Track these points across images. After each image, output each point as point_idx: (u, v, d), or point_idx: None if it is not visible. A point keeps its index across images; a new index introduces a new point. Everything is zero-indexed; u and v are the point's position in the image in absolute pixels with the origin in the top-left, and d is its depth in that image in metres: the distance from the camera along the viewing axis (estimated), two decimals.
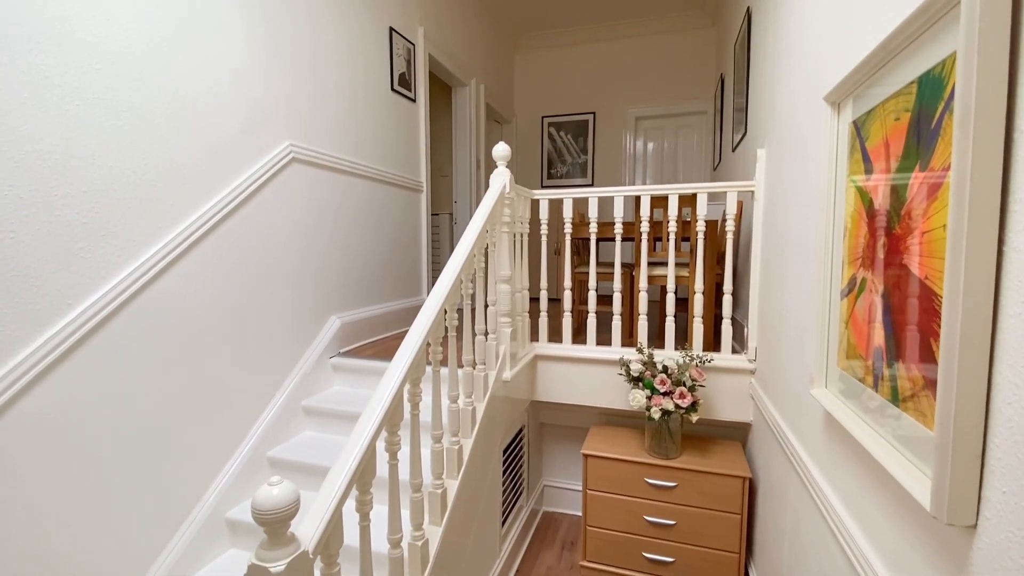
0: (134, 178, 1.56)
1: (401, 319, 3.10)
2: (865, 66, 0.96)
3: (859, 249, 1.04)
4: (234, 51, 1.92)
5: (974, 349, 0.61)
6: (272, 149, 2.12)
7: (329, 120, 2.47)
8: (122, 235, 1.53)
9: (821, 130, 1.31)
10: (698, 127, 4.95)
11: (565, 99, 5.28)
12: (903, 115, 0.86)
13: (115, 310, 1.50)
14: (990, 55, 0.60)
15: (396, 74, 3.03)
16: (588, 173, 5.32)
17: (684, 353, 2.17)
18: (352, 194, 2.65)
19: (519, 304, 2.30)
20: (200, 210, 1.79)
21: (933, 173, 0.75)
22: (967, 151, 0.61)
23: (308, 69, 2.32)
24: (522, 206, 2.38)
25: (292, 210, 2.23)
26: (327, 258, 2.47)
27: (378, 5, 2.85)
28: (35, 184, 1.32)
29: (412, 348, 1.38)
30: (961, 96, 0.62)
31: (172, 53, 1.68)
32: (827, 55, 1.29)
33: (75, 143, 1.40)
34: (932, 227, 0.75)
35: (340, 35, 2.53)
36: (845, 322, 1.10)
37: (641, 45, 4.95)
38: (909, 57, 0.83)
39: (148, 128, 1.60)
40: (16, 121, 1.27)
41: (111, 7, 1.49)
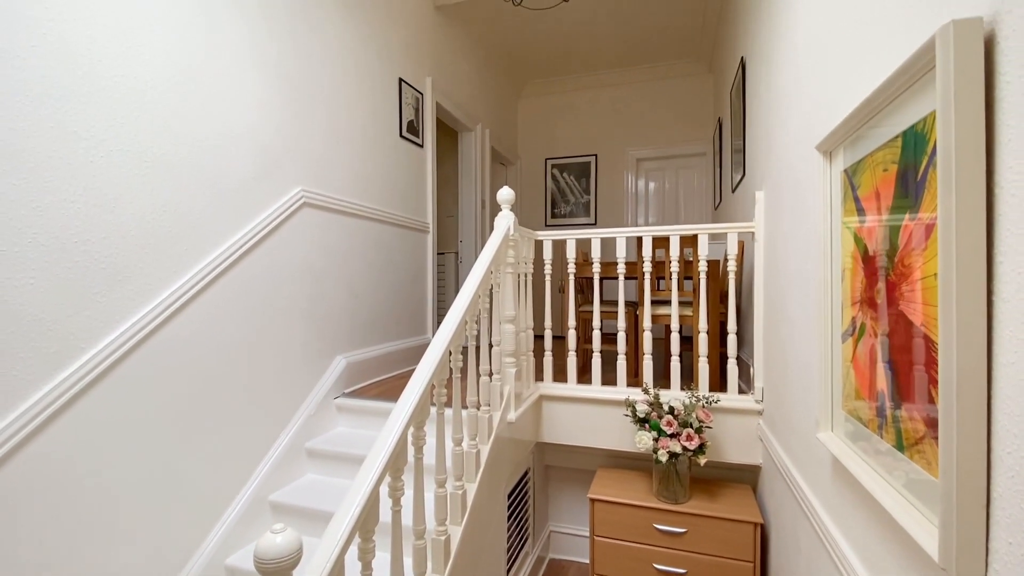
0: (152, 224, 1.62)
1: (406, 358, 3.11)
2: (852, 119, 1.00)
3: (857, 293, 1.05)
4: (250, 101, 2.02)
5: (971, 399, 0.62)
6: (284, 194, 2.19)
7: (340, 166, 2.56)
8: (137, 279, 1.58)
9: (815, 177, 1.36)
10: (698, 167, 5.06)
11: (567, 142, 5.44)
12: (891, 166, 0.89)
13: (125, 354, 1.53)
14: (967, 115, 0.64)
15: (405, 121, 3.15)
16: (591, 212, 5.41)
17: (690, 393, 2.15)
18: (360, 236, 2.71)
19: (523, 344, 2.31)
20: (213, 254, 1.84)
21: (922, 223, 0.78)
22: (951, 207, 0.64)
23: (321, 117, 2.43)
24: (526, 247, 2.42)
25: (302, 253, 2.28)
26: (334, 299, 2.51)
27: (389, 57, 2.99)
28: (57, 231, 1.37)
29: (417, 391, 1.39)
30: (943, 155, 0.66)
31: (191, 104, 1.77)
32: (817, 107, 1.34)
33: (98, 192, 1.47)
34: (925, 275, 0.77)
35: (352, 86, 2.66)
36: (848, 365, 1.10)
37: (640, 91, 5.14)
38: (893, 113, 0.87)
39: (167, 175, 1.67)
40: (45, 173, 1.34)
41: (137, 63, 1.58)
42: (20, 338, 1.29)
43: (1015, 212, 0.60)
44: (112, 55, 1.51)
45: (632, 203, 5.26)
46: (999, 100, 0.64)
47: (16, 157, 1.29)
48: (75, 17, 1.42)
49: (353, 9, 2.66)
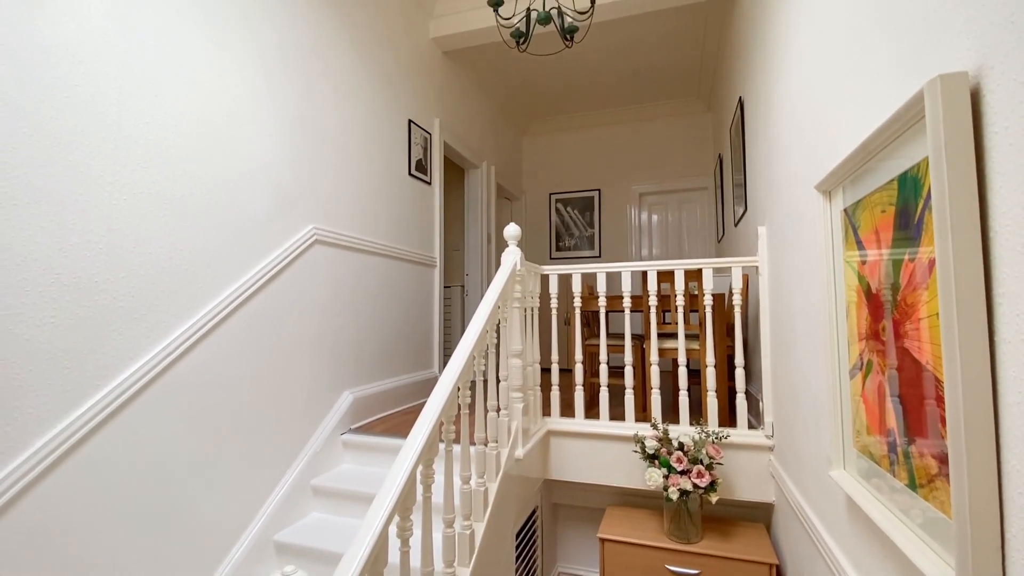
0: (169, 263, 1.66)
1: (413, 392, 3.10)
2: (849, 162, 1.04)
3: (863, 329, 1.07)
4: (267, 143, 2.10)
5: (980, 439, 0.63)
6: (297, 232, 2.24)
7: (351, 203, 2.63)
8: (152, 317, 1.61)
9: (816, 215, 1.39)
10: (700, 201, 5.13)
11: (571, 177, 5.55)
12: (888, 208, 0.92)
13: (136, 392, 1.55)
14: (958, 164, 0.67)
15: (414, 160, 3.25)
16: (595, 246, 5.47)
17: (699, 428, 2.14)
18: (369, 271, 2.76)
19: (530, 378, 2.31)
20: (227, 291, 1.88)
21: (922, 263, 0.80)
22: (948, 252, 0.66)
23: (334, 157, 2.51)
24: (532, 281, 2.45)
25: (312, 289, 2.32)
26: (342, 334, 2.53)
27: (399, 100, 3.11)
28: (79, 272, 1.41)
29: (426, 428, 1.39)
30: (937, 202, 0.68)
31: (210, 147, 1.84)
32: (814, 148, 1.39)
33: (119, 233, 1.52)
34: (927, 314, 0.79)
35: (364, 127, 2.75)
36: (857, 401, 1.11)
37: (642, 128, 5.27)
38: (887, 158, 0.91)
39: (185, 216, 1.73)
40: (70, 215, 1.39)
41: (161, 110, 1.66)
42: (37, 375, 1.32)
43: (1011, 256, 0.63)
44: (139, 104, 1.59)
45: (636, 236, 5.32)
46: (988, 149, 0.67)
47: (45, 201, 1.34)
48: (106, 71, 1.50)
49: (365, 55, 2.79)
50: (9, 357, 1.26)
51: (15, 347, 1.27)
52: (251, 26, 2.04)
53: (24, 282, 1.29)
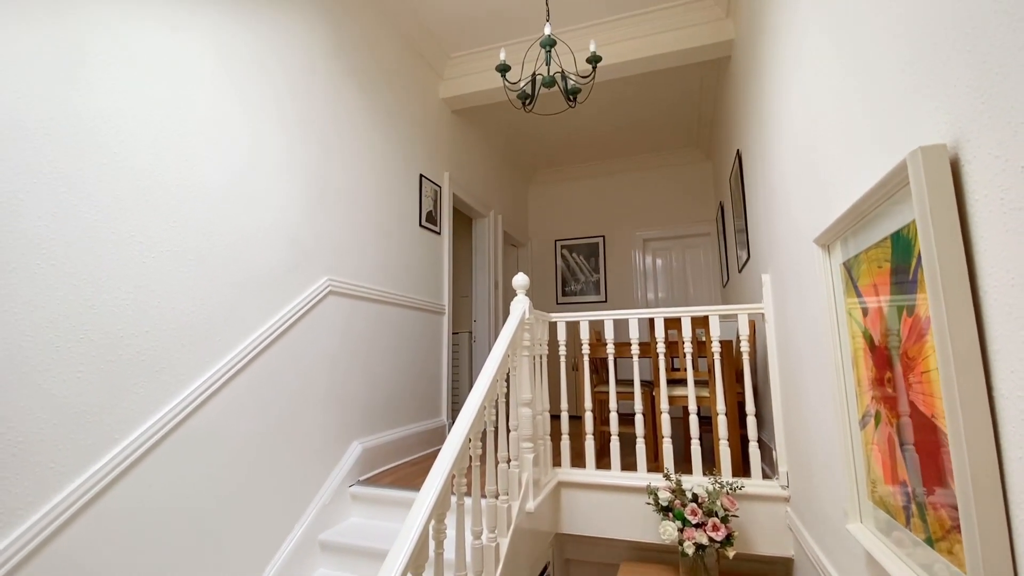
0: (190, 318, 1.72)
1: (421, 442, 3.08)
2: (843, 220, 1.09)
3: (869, 380, 1.09)
4: (285, 199, 2.20)
5: (988, 495, 0.64)
6: (312, 284, 2.31)
7: (364, 254, 2.71)
8: (171, 370, 1.65)
9: (816, 267, 1.43)
10: (703, 246, 5.21)
11: (576, 224, 5.68)
12: (884, 264, 0.96)
13: (151, 448, 1.57)
14: (944, 229, 0.72)
15: (424, 212, 3.36)
16: (601, 290, 5.52)
17: (713, 479, 2.10)
18: (380, 320, 2.81)
19: (540, 427, 2.30)
20: (243, 343, 1.92)
21: (920, 319, 0.84)
22: (942, 311, 0.70)
23: (349, 211, 2.61)
24: (541, 329, 2.48)
25: (324, 339, 2.36)
26: (353, 383, 2.55)
27: (410, 156, 3.26)
28: (106, 328, 1.47)
29: (438, 482, 1.39)
30: (927, 264, 0.73)
31: (233, 205, 1.94)
32: (812, 203, 1.45)
33: (146, 289, 1.58)
34: (929, 368, 0.81)
35: (378, 182, 2.88)
36: (869, 452, 1.11)
37: (643, 177, 5.43)
38: (879, 218, 0.96)
39: (207, 271, 1.80)
40: (101, 274, 1.46)
41: (191, 173, 1.77)
42: (60, 429, 1.35)
43: (1001, 315, 0.66)
44: (171, 168, 1.70)
45: (641, 280, 5.38)
46: (971, 215, 0.72)
47: (78, 259, 1.41)
48: (141, 137, 1.61)
49: (379, 115, 2.95)
50: (35, 412, 1.30)
51: (41, 401, 1.31)
52: (275, 91, 2.19)
53: (55, 339, 1.35)
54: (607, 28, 3.23)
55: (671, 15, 3.10)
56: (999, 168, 0.66)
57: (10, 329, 1.26)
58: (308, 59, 2.41)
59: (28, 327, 1.29)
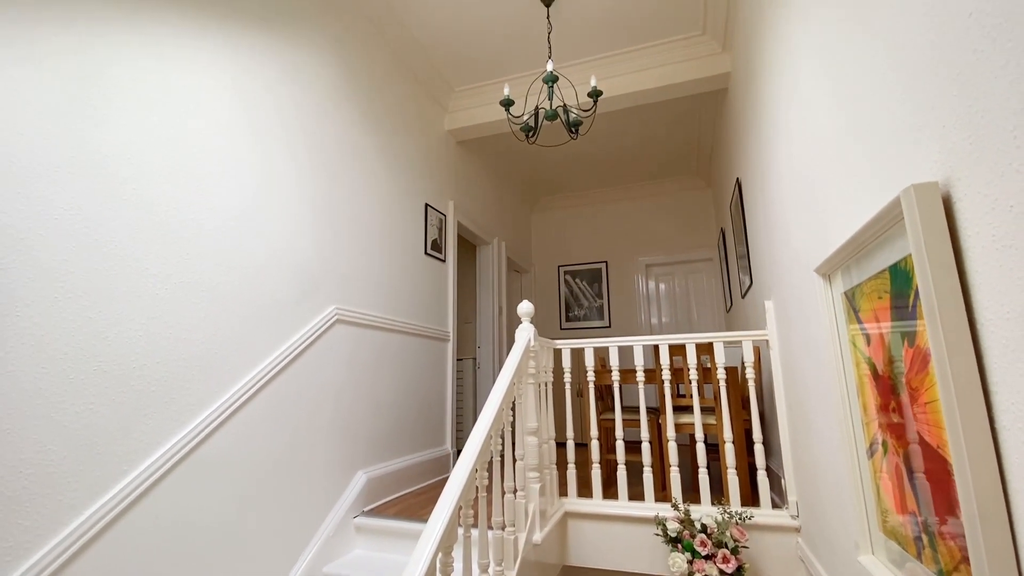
0: (202, 347, 1.74)
1: (426, 471, 3.05)
2: (842, 252, 1.12)
3: (874, 409, 1.09)
4: (295, 230, 2.25)
5: (995, 527, 0.65)
6: (320, 313, 2.34)
7: (370, 283, 2.75)
8: (181, 400, 1.66)
9: (818, 296, 1.45)
10: (706, 271, 5.24)
11: (578, 250, 5.73)
12: (884, 295, 0.99)
13: (160, 478, 1.57)
14: (939, 264, 0.74)
15: (429, 240, 3.41)
16: (605, 316, 5.53)
17: (722, 509, 2.08)
18: (385, 348, 2.82)
19: (547, 456, 2.28)
20: (251, 373, 1.94)
21: (921, 350, 0.85)
22: (941, 344, 0.72)
23: (356, 241, 2.66)
24: (546, 357, 2.49)
25: (331, 367, 2.38)
26: (358, 412, 2.55)
27: (416, 187, 3.32)
28: (119, 359, 1.49)
29: (445, 514, 1.39)
30: (925, 298, 0.75)
31: (246, 236, 1.98)
32: (811, 233, 1.48)
33: (160, 321, 1.61)
34: (932, 398, 0.83)
35: (384, 212, 2.93)
36: (877, 481, 1.11)
37: (645, 204, 5.51)
38: (877, 250, 0.99)
39: (218, 302, 1.83)
40: (118, 307, 1.49)
41: (205, 207, 1.82)
42: (71, 461, 1.36)
43: (998, 348, 0.68)
44: (186, 203, 1.75)
45: (645, 305, 5.39)
46: (965, 250, 0.75)
47: (95, 292, 1.45)
48: (160, 173, 1.67)
49: (386, 147, 3.02)
50: (48, 444, 1.31)
51: (53, 433, 1.32)
52: (287, 125, 2.26)
53: (69, 370, 1.37)
54: (607, 63, 3.33)
55: (669, 49, 3.20)
56: (989, 206, 0.68)
57: (27, 362, 1.28)
58: (320, 95, 2.49)
59: (44, 359, 1.32)
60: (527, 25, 3.02)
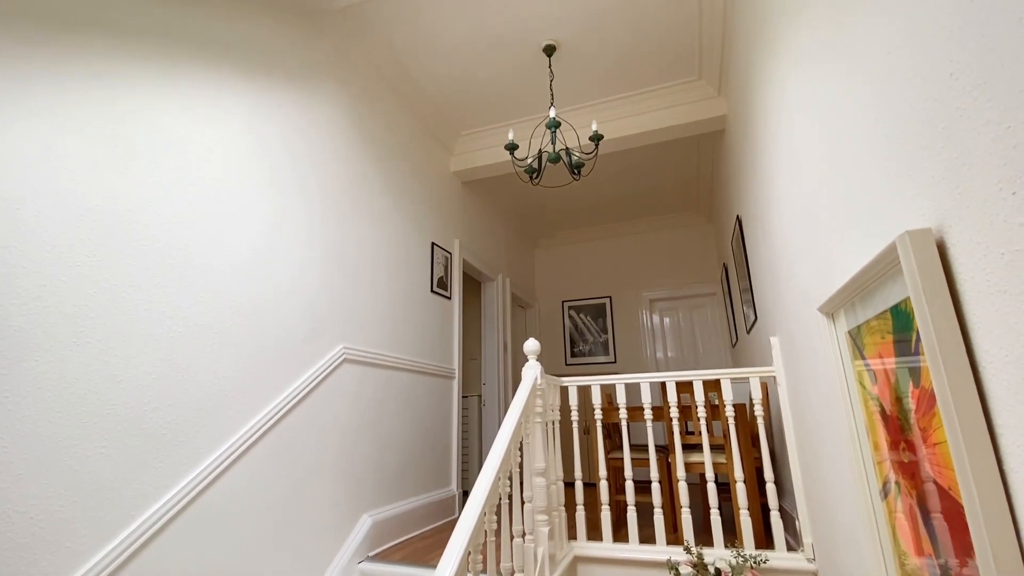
0: (212, 388, 1.76)
1: (432, 513, 2.99)
2: (844, 292, 1.15)
3: (884, 450, 1.09)
4: (306, 270, 2.30)
5: (1010, 572, 0.65)
6: (328, 352, 2.36)
7: (377, 321, 2.77)
8: (191, 443, 1.67)
9: (823, 334, 1.47)
10: (710, 306, 5.26)
11: (582, 286, 5.77)
12: (887, 335, 1.00)
13: (167, 522, 1.56)
14: (938, 307, 0.77)
15: (435, 278, 3.46)
16: (610, 351, 5.52)
17: (735, 552, 2.03)
18: (391, 386, 2.82)
19: (555, 497, 2.25)
20: (260, 414, 1.95)
21: (926, 392, 0.87)
22: (945, 387, 0.73)
23: (364, 280, 2.70)
24: (552, 395, 2.49)
25: (337, 408, 2.38)
26: (364, 452, 2.53)
27: (423, 226, 3.40)
28: (132, 402, 1.51)
29: (454, 562, 1.37)
30: (927, 341, 0.77)
31: (258, 279, 2.03)
32: (813, 272, 1.51)
33: (173, 364, 1.63)
34: (940, 439, 0.83)
35: (392, 251, 2.99)
36: (893, 524, 1.10)
37: (647, 239, 5.58)
38: (877, 291, 1.01)
39: (230, 343, 1.86)
40: (132, 349, 1.52)
41: (220, 251, 1.87)
42: (80, 507, 1.35)
43: (1001, 390, 0.70)
44: (203, 247, 1.80)
45: (650, 339, 5.39)
46: (962, 294, 0.77)
47: (111, 336, 1.48)
48: (178, 219, 1.73)
49: (394, 188, 3.11)
50: (59, 489, 1.31)
51: (64, 479, 1.33)
52: (300, 171, 2.34)
53: (83, 414, 1.39)
54: (607, 107, 3.45)
55: (667, 93, 3.32)
56: (982, 253, 0.71)
57: (43, 407, 1.30)
58: (331, 140, 2.59)
59: (60, 404, 1.34)
60: (530, 73, 3.15)
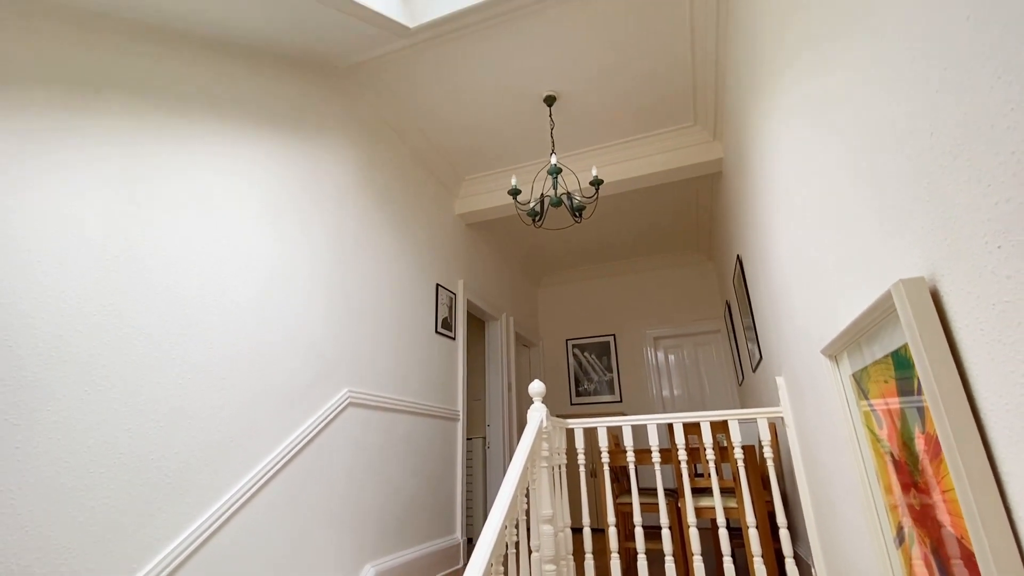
0: (218, 435, 1.76)
1: (436, 562, 2.91)
2: (845, 336, 1.16)
3: (896, 496, 1.08)
4: (314, 314, 2.33)
5: None
6: (333, 396, 2.36)
7: (382, 363, 2.78)
8: (195, 491, 1.65)
9: (827, 376, 1.48)
10: (714, 343, 5.24)
11: (586, 324, 5.78)
12: (890, 380, 1.02)
13: (171, 573, 1.53)
14: (936, 354, 0.79)
15: (440, 319, 3.49)
16: (615, 390, 5.47)
17: None
18: (395, 430, 2.80)
19: (563, 546, 2.19)
20: (265, 460, 1.93)
21: (931, 437, 0.87)
22: (948, 433, 0.74)
23: (370, 322, 2.73)
24: (558, 437, 2.46)
25: (342, 452, 2.36)
26: (368, 498, 2.49)
27: (428, 267, 3.45)
28: (139, 450, 1.51)
29: None
30: (927, 388, 0.78)
31: (269, 325, 2.05)
32: (815, 314, 1.53)
33: (180, 411, 1.64)
34: (949, 487, 0.83)
35: (397, 293, 3.03)
36: (912, 572, 1.07)
37: (649, 277, 5.62)
38: (876, 337, 1.03)
39: (237, 388, 1.87)
40: (141, 397, 1.54)
41: (231, 299, 1.91)
42: (82, 559, 1.33)
43: (1003, 437, 0.70)
44: (212, 291, 1.84)
45: (655, 376, 5.34)
46: (959, 341, 0.79)
47: (122, 384, 1.50)
48: (188, 265, 1.77)
49: (400, 231, 3.18)
50: (63, 542, 1.30)
51: (67, 530, 1.32)
52: (308, 217, 2.41)
53: (90, 463, 1.39)
54: (606, 152, 3.57)
55: (663, 139, 3.44)
56: (974, 303, 0.74)
57: (53, 456, 1.31)
58: (338, 188, 2.67)
59: (69, 453, 1.34)
60: (532, 121, 3.28)
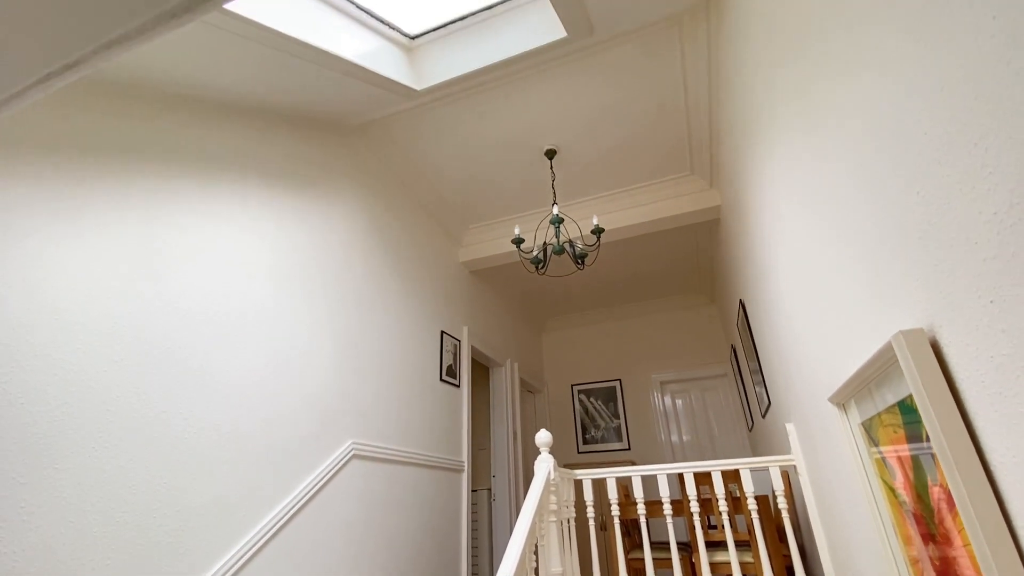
0: (217, 494, 1.73)
1: None
2: (850, 384, 1.17)
3: (915, 549, 1.06)
4: (324, 366, 2.33)
5: None
6: (337, 448, 2.33)
7: (387, 414, 2.76)
8: (195, 552, 1.62)
9: (837, 424, 1.47)
10: (722, 388, 5.17)
11: (591, 369, 5.73)
12: (899, 430, 1.01)
13: None
14: (941, 406, 0.79)
15: (444, 366, 3.48)
16: (623, 437, 5.36)
17: None
18: (400, 482, 2.74)
19: None
20: (267, 517, 1.89)
21: (944, 489, 0.86)
22: (960, 486, 0.74)
23: (375, 372, 2.73)
24: (567, 489, 2.41)
25: (345, 506, 2.30)
26: (371, 554, 2.41)
27: (433, 315, 3.48)
28: (141, 509, 1.49)
29: None
30: (935, 439, 0.79)
31: (272, 379, 2.06)
32: (821, 363, 1.54)
33: (183, 468, 1.63)
34: (966, 541, 0.82)
35: (403, 342, 3.04)
36: None
37: (653, 321, 5.63)
38: (882, 386, 1.04)
39: (243, 448, 1.85)
40: (143, 453, 1.53)
41: (241, 358, 1.92)
42: None
43: (1015, 490, 0.70)
44: (222, 352, 1.86)
45: (663, 421, 5.24)
46: (962, 392, 0.80)
47: (131, 447, 1.49)
48: (200, 323, 1.80)
49: (406, 281, 3.23)
50: None
51: None
52: (315, 273, 2.46)
53: (92, 524, 1.37)
54: (606, 200, 3.67)
55: (661, 187, 3.54)
56: (973, 355, 0.75)
57: (57, 516, 1.29)
58: (346, 241, 2.74)
59: (73, 513, 1.33)
60: (534, 173, 3.39)
